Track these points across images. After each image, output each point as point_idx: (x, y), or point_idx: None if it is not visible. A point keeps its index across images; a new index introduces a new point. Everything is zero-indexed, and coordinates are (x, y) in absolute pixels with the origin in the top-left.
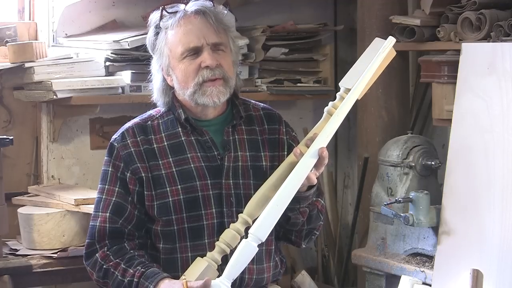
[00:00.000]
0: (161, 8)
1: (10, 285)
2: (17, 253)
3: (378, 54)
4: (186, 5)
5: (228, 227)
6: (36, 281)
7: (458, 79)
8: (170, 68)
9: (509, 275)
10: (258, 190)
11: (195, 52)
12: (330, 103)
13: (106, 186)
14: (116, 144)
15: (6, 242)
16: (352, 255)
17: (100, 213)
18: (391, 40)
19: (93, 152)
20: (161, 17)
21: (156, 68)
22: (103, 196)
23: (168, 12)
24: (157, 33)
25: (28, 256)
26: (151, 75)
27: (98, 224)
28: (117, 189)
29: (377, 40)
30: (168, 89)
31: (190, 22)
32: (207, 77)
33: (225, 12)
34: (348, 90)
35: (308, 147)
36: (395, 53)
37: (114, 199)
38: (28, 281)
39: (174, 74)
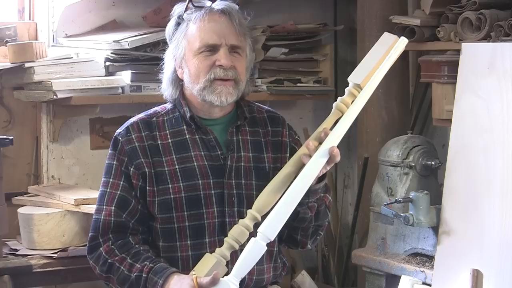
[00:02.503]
0: (188, 0)
1: (10, 285)
2: (17, 253)
3: (391, 54)
4: (213, 2)
5: (229, 227)
6: (36, 281)
7: (458, 79)
8: (183, 60)
9: (509, 275)
10: (266, 187)
11: (212, 49)
12: (339, 98)
13: (111, 180)
14: (120, 138)
15: (6, 242)
16: (352, 255)
17: (104, 206)
18: (404, 40)
19: (93, 152)
20: (186, 9)
21: (169, 58)
22: (108, 190)
23: (194, 6)
24: (178, 24)
25: (28, 256)
26: (163, 64)
27: (102, 217)
28: (122, 182)
29: (386, 34)
30: (177, 81)
31: (214, 20)
32: (219, 76)
33: (248, 18)
34: (356, 85)
35: (318, 141)
36: (403, 47)
37: (118, 192)
38: (28, 281)
39: (187, 67)
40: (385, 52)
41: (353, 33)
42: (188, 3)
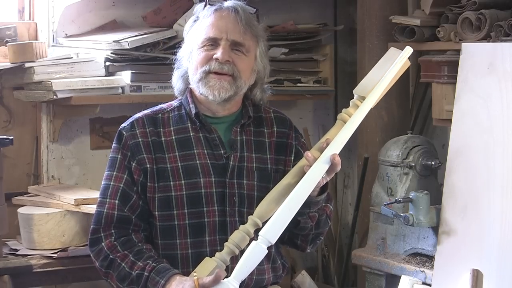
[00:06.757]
0: (206, 0)
1: (10, 285)
2: (17, 253)
3: (395, 63)
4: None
5: (230, 226)
6: (36, 281)
7: (458, 79)
8: (191, 55)
9: (509, 275)
10: (269, 193)
11: (214, 43)
12: (343, 110)
13: (114, 173)
14: (125, 132)
15: (6, 242)
16: (352, 255)
17: (108, 199)
18: (409, 50)
19: (93, 152)
20: (204, 7)
21: (182, 53)
22: (111, 183)
23: (209, 4)
24: (194, 21)
25: (28, 256)
26: (175, 59)
27: (105, 210)
28: (125, 176)
29: (392, 49)
30: (187, 77)
31: (220, 16)
32: (213, 69)
33: (261, 24)
34: (361, 98)
35: (321, 151)
36: (409, 63)
37: (122, 185)
38: (28, 281)
39: (192, 60)
40: (391, 66)
41: (353, 33)
42: (206, 2)
